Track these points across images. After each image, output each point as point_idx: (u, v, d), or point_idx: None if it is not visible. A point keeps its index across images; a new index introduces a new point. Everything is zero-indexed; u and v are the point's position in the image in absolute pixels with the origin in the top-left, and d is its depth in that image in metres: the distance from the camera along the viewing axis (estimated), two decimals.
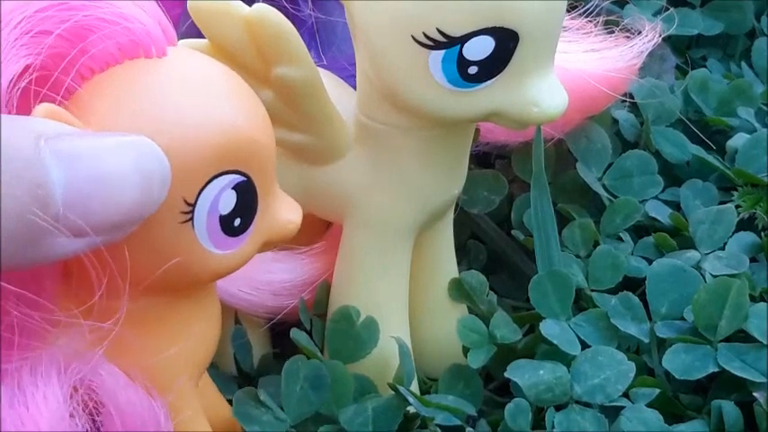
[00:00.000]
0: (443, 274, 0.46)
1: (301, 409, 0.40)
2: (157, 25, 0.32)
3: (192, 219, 0.32)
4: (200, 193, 0.31)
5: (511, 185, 0.52)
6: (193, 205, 0.31)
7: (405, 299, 0.44)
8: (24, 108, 0.30)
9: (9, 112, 0.30)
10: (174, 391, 0.34)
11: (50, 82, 0.31)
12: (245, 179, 0.32)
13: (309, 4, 0.45)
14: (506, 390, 0.44)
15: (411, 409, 0.41)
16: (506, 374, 0.42)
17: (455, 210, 0.46)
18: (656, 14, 0.60)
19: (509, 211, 0.52)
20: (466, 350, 0.44)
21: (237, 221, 0.33)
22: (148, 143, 0.29)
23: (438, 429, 0.41)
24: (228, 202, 0.32)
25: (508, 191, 0.52)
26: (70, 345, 0.31)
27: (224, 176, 0.32)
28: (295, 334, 0.42)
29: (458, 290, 0.46)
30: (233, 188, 0.32)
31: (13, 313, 0.30)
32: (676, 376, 0.43)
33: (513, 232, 0.51)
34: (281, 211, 0.35)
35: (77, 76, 0.31)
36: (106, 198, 0.28)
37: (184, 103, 0.31)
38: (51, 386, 0.30)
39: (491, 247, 0.52)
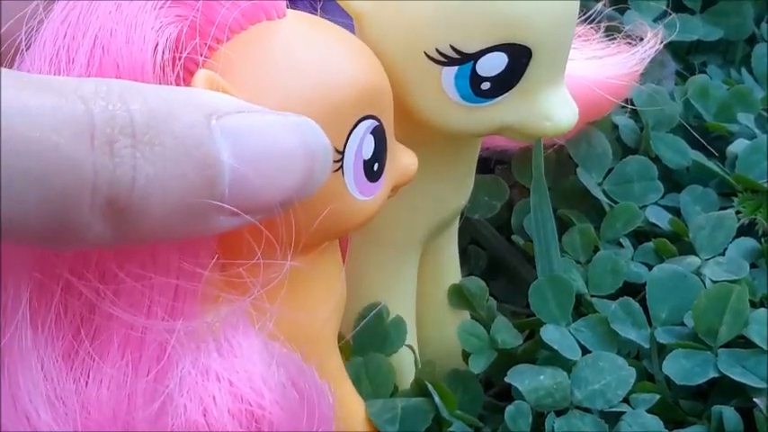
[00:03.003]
0: (448, 282, 0.46)
1: None
2: None
3: (341, 167, 0.32)
4: (347, 141, 0.32)
5: (511, 191, 0.52)
6: (342, 153, 0.32)
7: (412, 311, 0.44)
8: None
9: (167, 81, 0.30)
10: (323, 348, 0.35)
11: (183, 54, 0.30)
12: (378, 123, 0.33)
13: (318, 6, 0.45)
14: (507, 395, 0.44)
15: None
16: (506, 379, 0.42)
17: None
18: (656, 20, 0.60)
19: (509, 216, 0.52)
20: (466, 355, 0.44)
21: (376, 166, 0.34)
22: (312, 124, 0.29)
23: None
24: (369, 146, 0.33)
25: (508, 196, 0.52)
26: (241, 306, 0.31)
27: (364, 121, 0.33)
28: None
29: (458, 296, 0.46)
30: (371, 133, 0.33)
31: (176, 275, 0.29)
32: (676, 382, 0.43)
33: (513, 237, 0.51)
34: (401, 156, 0.36)
35: (206, 48, 0.31)
36: (271, 178, 0.28)
37: (320, 56, 0.32)
38: (251, 338, 0.30)
39: (491, 252, 0.53)
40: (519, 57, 0.36)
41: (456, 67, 0.36)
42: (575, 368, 0.42)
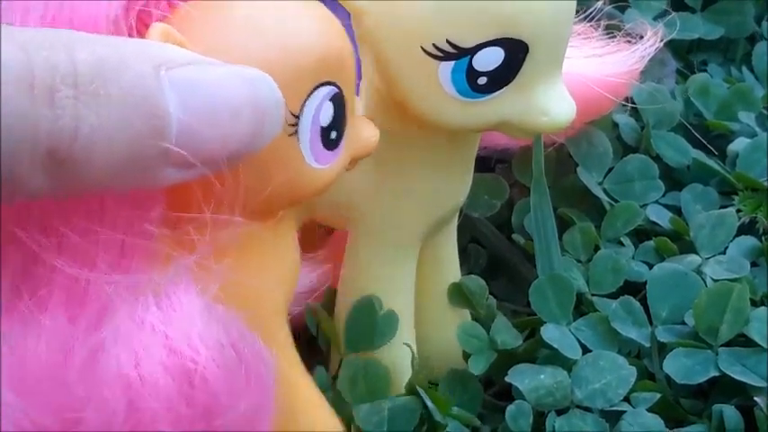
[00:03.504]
0: (447, 280, 0.46)
1: None
2: None
3: (297, 131, 0.32)
4: (303, 105, 0.32)
5: (511, 190, 0.52)
6: (298, 117, 0.32)
7: (410, 306, 0.44)
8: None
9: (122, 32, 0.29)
10: (270, 316, 0.34)
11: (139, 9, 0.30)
12: (338, 90, 0.33)
13: None
14: (507, 394, 0.44)
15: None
16: (507, 379, 0.42)
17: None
18: (656, 18, 0.60)
19: (510, 215, 0.52)
20: (467, 356, 0.44)
21: (334, 134, 0.33)
22: (265, 78, 0.29)
23: None
24: (327, 113, 0.33)
25: (509, 194, 0.52)
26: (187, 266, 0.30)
27: (322, 87, 0.32)
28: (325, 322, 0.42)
29: (457, 294, 0.46)
30: (330, 99, 0.33)
31: (123, 230, 0.29)
32: (677, 380, 0.43)
33: (513, 236, 0.51)
34: (362, 128, 0.36)
35: (167, 5, 0.31)
36: (219, 131, 0.28)
37: (283, 18, 0.32)
38: (191, 295, 0.30)
39: (491, 251, 0.52)
40: (515, 52, 0.36)
41: (453, 62, 0.36)
42: (575, 367, 0.42)
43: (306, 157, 0.33)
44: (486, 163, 0.54)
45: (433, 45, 0.36)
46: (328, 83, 0.33)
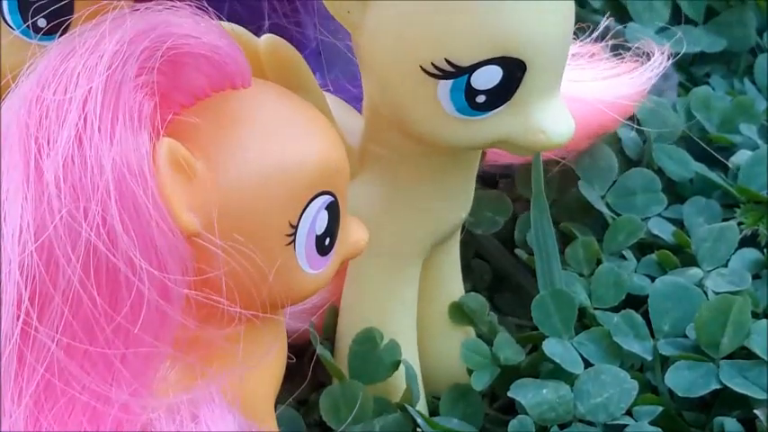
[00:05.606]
0: (449, 295, 0.46)
1: None
2: (242, 55, 0.34)
3: (294, 240, 0.33)
4: (301, 216, 0.33)
5: (515, 204, 0.53)
6: (296, 227, 0.33)
7: (413, 321, 0.44)
8: None
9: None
10: (263, 412, 0.36)
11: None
12: (334, 199, 0.34)
13: (317, 26, 0.46)
14: (511, 408, 0.44)
15: (419, 430, 0.42)
16: (509, 394, 0.42)
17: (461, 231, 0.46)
18: (659, 32, 0.61)
19: (513, 229, 0.53)
20: (470, 372, 0.44)
21: (327, 241, 0.35)
22: None
23: None
24: (322, 222, 0.34)
25: (513, 210, 0.52)
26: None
27: (319, 198, 0.33)
28: (321, 351, 0.43)
29: (458, 313, 0.46)
30: (326, 208, 0.34)
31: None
32: (679, 394, 0.43)
33: (516, 251, 0.52)
34: (352, 230, 0.37)
35: (170, 112, 0.32)
36: None
37: (284, 131, 0.33)
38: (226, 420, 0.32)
39: (495, 266, 0.53)
40: (513, 70, 0.36)
41: (451, 81, 0.36)
42: (577, 381, 0.43)
43: (301, 264, 0.34)
44: (489, 179, 0.54)
45: (432, 64, 0.36)
46: (325, 192, 0.34)
